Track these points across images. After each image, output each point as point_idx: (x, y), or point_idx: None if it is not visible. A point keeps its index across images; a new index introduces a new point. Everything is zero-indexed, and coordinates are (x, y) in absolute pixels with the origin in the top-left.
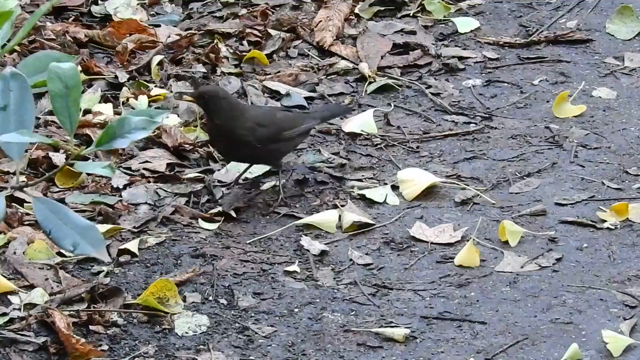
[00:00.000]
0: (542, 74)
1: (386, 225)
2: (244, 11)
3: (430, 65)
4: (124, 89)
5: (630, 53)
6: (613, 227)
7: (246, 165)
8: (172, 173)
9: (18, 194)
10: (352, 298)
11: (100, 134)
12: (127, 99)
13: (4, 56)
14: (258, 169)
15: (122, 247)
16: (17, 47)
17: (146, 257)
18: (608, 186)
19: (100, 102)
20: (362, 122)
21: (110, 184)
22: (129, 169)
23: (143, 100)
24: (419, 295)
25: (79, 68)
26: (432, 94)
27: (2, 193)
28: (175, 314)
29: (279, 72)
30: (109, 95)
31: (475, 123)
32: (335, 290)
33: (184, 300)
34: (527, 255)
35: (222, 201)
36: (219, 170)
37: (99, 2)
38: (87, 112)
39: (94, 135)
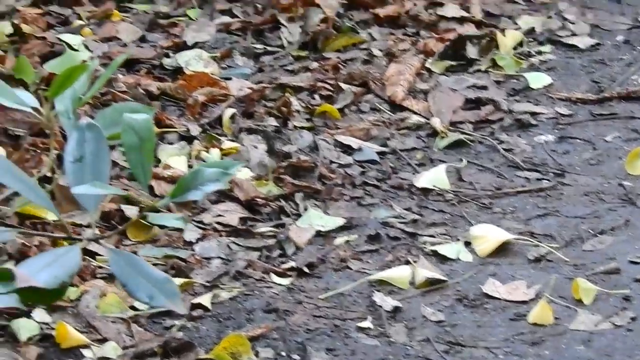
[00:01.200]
0: (614, 131)
1: (459, 282)
2: (315, 65)
3: (502, 120)
4: (196, 142)
5: None
6: None
7: (322, 219)
8: (244, 227)
9: (90, 247)
10: (425, 355)
11: (174, 186)
12: (199, 152)
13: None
14: (332, 223)
15: (194, 301)
16: (89, 99)
17: (219, 312)
18: None
19: (171, 155)
20: (434, 177)
21: (183, 237)
22: (201, 222)
23: (215, 153)
24: (492, 353)
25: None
26: (504, 149)
27: (77, 245)
28: None
29: (350, 126)
30: (180, 149)
31: (548, 179)
32: (408, 347)
33: (257, 356)
34: (601, 313)
35: (294, 256)
36: (291, 224)
37: (171, 54)
38: (158, 164)
39: (166, 189)
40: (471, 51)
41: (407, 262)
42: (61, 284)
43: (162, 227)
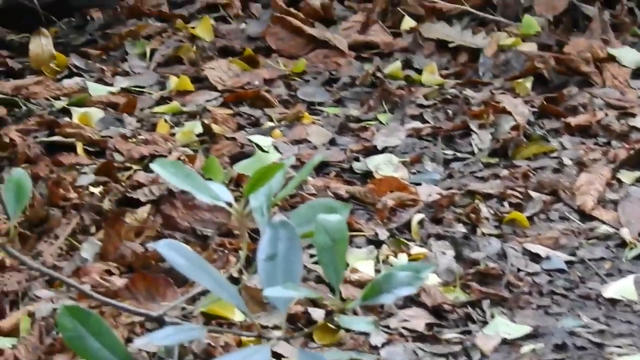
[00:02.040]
0: None
1: None
2: (505, 172)
3: None
4: (384, 246)
5: None
6: None
7: (508, 327)
8: (430, 333)
9: (276, 348)
10: None
11: (366, 289)
12: (387, 257)
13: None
14: (518, 331)
15: None
16: (283, 198)
17: None
18: None
19: (359, 259)
20: (622, 288)
21: (369, 341)
22: (387, 327)
23: (403, 258)
24: None
25: None
26: None
27: (267, 344)
28: None
29: (539, 234)
30: (368, 253)
31: None
32: None
33: None
34: None
35: None
36: (477, 331)
37: (361, 158)
38: (346, 267)
39: (353, 292)
40: None
41: None
42: None
43: (347, 330)
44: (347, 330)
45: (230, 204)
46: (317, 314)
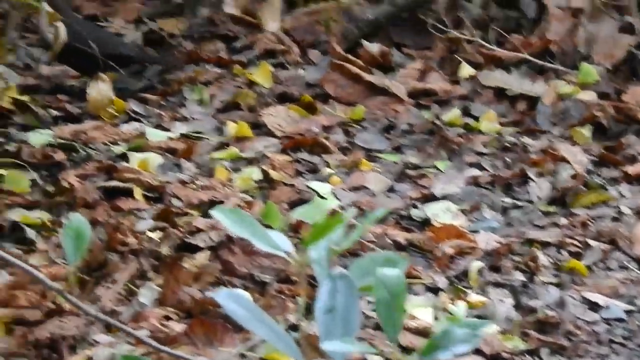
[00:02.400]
0: None
1: None
2: (563, 221)
3: None
4: (442, 294)
5: None
6: None
7: None
8: None
9: None
10: None
11: (425, 345)
12: (445, 305)
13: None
14: None
15: None
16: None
17: None
18: None
19: (417, 306)
20: None
21: None
22: None
23: (461, 306)
24: None
25: None
26: None
27: None
28: None
29: (597, 283)
30: (426, 300)
31: None
32: None
33: None
34: None
35: None
36: None
37: (419, 206)
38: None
39: (411, 340)
40: None
41: None
42: None
43: None
44: None
45: (289, 253)
46: None
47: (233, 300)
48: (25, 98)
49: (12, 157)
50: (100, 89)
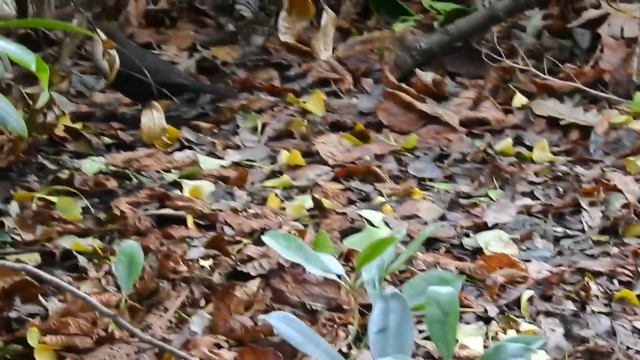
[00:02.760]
0: None
1: None
2: (615, 250)
3: None
4: (493, 323)
5: None
6: None
7: None
8: None
9: None
10: None
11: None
12: (496, 334)
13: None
14: None
15: None
16: (394, 271)
17: None
18: None
19: (468, 335)
20: None
21: None
22: None
23: (512, 335)
24: None
25: None
26: None
27: None
28: None
29: None
30: (477, 329)
31: None
32: None
33: None
34: None
35: None
36: None
37: (471, 234)
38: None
39: None
40: None
41: None
42: None
43: None
44: None
45: (340, 277)
46: None
47: (287, 324)
48: (78, 126)
49: (65, 184)
50: (154, 117)
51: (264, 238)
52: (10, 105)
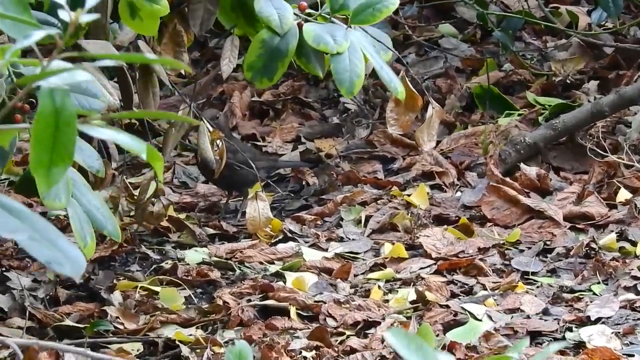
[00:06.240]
0: None
1: None
2: None
3: None
4: None
5: None
6: None
7: None
8: None
9: None
10: None
11: None
12: None
13: None
14: None
15: None
16: None
17: None
18: None
19: None
20: None
21: None
22: None
23: None
24: None
25: None
26: None
27: None
28: None
29: None
30: None
31: None
32: None
33: None
34: None
35: None
36: None
37: (574, 328)
38: None
39: None
40: None
41: None
42: None
43: None
44: None
45: None
46: None
47: None
48: (181, 216)
49: (168, 274)
50: (259, 207)
51: (386, 335)
52: (109, 211)
